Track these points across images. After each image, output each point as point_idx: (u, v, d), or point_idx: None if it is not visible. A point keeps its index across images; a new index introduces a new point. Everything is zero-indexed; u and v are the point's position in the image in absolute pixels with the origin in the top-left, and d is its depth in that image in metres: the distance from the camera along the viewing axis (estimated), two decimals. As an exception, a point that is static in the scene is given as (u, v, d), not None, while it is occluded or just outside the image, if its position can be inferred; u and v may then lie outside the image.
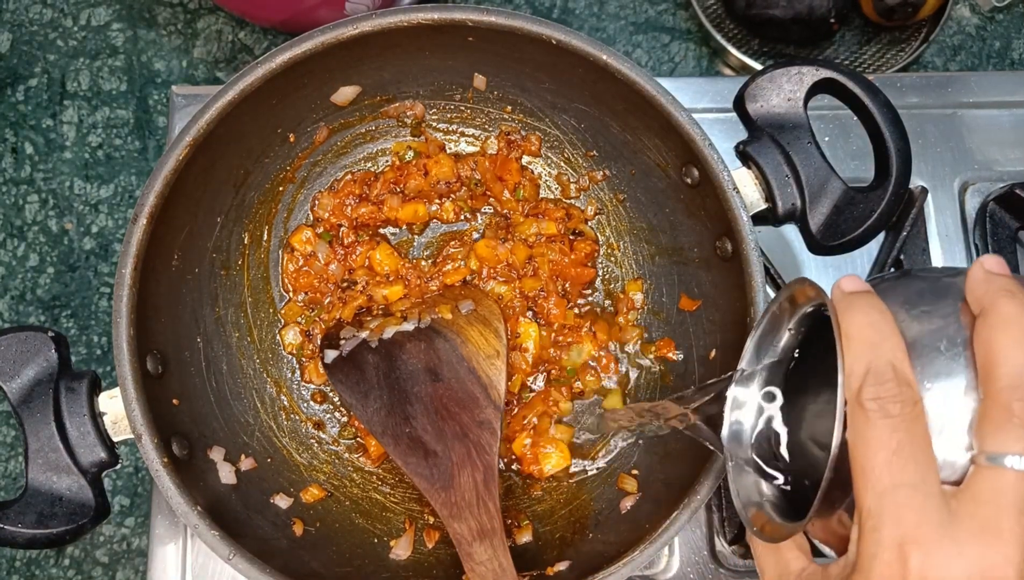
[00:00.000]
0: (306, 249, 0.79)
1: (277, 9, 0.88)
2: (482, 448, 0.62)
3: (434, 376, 0.65)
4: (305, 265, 0.79)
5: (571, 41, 0.68)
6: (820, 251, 0.67)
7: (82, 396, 0.61)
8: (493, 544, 0.59)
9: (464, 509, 0.60)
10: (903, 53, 0.96)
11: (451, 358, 0.66)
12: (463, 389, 0.65)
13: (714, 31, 0.95)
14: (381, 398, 0.66)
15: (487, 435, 0.63)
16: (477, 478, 0.61)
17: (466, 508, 0.60)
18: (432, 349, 0.66)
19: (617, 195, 0.80)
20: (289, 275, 0.79)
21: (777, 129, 0.66)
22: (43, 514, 0.59)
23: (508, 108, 0.80)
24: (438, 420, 0.64)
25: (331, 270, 0.78)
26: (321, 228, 0.79)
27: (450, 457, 0.62)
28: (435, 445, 0.63)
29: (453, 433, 0.63)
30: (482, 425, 0.63)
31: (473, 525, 0.59)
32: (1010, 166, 0.90)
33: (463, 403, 0.64)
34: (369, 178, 0.80)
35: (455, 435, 0.63)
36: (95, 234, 0.92)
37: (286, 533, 0.69)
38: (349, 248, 0.79)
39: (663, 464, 0.72)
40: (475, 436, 0.63)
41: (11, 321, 0.91)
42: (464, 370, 0.65)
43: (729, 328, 0.69)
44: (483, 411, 0.64)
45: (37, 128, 0.95)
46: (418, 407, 0.64)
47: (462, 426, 0.63)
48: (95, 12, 0.98)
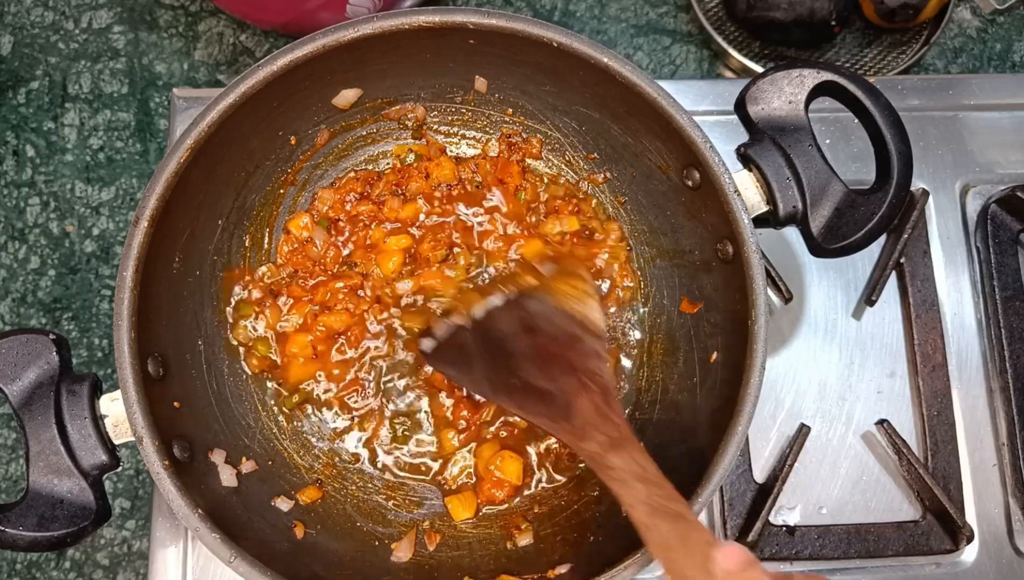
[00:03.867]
0: (302, 234, 0.79)
1: (278, 12, 0.88)
2: (592, 373, 0.65)
3: (531, 331, 0.68)
4: (300, 249, 0.79)
5: (572, 44, 0.68)
6: (821, 254, 0.67)
7: (83, 399, 0.61)
8: (627, 450, 0.60)
9: (588, 429, 0.62)
10: (904, 55, 0.96)
11: (544, 311, 0.68)
12: (562, 332, 0.67)
13: (715, 34, 0.95)
14: (484, 364, 0.68)
15: (594, 361, 0.66)
16: (596, 400, 0.63)
17: (590, 428, 0.62)
18: (524, 310, 0.69)
19: (618, 197, 0.80)
20: (283, 254, 0.79)
21: (778, 132, 0.66)
22: (44, 517, 0.59)
23: (509, 111, 0.80)
24: (544, 365, 0.66)
25: (329, 257, 0.78)
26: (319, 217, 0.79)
27: (564, 391, 0.64)
28: (547, 385, 0.65)
29: (562, 370, 0.65)
30: (587, 355, 0.66)
31: (603, 439, 0.61)
32: (1011, 168, 0.90)
33: (565, 344, 0.67)
34: (372, 177, 0.80)
35: (564, 371, 0.65)
36: (96, 237, 0.92)
37: (287, 536, 0.69)
38: (348, 237, 0.79)
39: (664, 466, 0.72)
40: (583, 366, 0.65)
41: (12, 324, 0.91)
42: (559, 316, 0.68)
43: (730, 330, 0.69)
44: (585, 343, 0.66)
45: (38, 131, 0.95)
46: (522, 360, 0.67)
47: (569, 362, 0.66)
48: (96, 15, 0.98)
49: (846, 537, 0.79)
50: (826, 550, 0.79)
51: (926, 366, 0.83)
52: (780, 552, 0.78)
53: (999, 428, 0.83)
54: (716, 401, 0.69)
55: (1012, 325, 0.84)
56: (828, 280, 0.86)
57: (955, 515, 0.78)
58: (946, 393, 0.83)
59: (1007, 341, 0.84)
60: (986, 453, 0.82)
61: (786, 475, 0.78)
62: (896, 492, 0.81)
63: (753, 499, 0.79)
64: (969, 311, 0.86)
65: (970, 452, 0.82)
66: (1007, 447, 0.82)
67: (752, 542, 0.77)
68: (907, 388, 0.84)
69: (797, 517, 0.80)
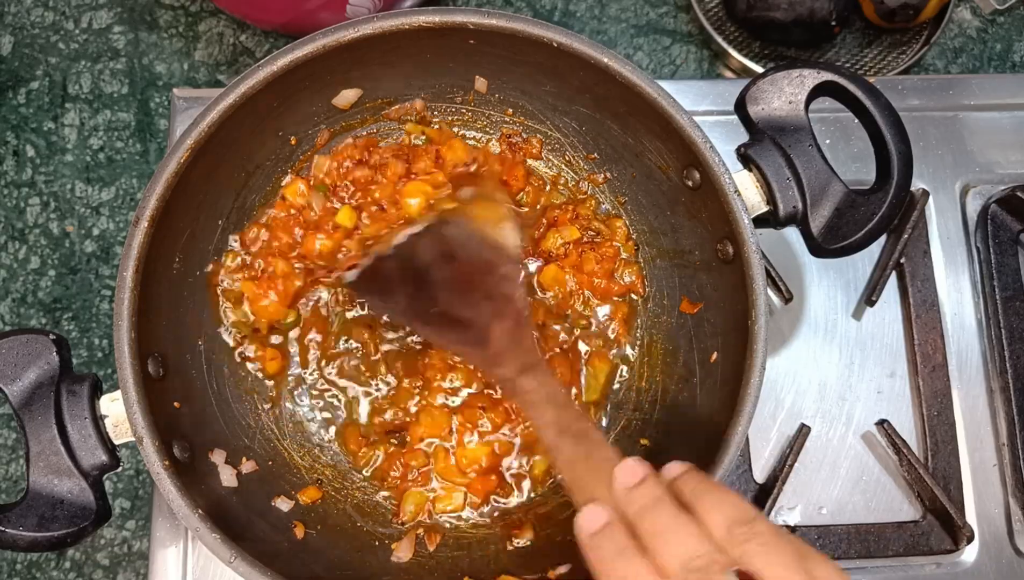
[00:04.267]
0: (298, 201, 0.77)
1: (278, 12, 0.88)
2: (507, 298, 0.66)
3: (450, 258, 0.68)
4: (293, 217, 0.77)
5: (572, 44, 0.68)
6: (821, 254, 0.67)
7: (83, 399, 0.61)
8: (537, 374, 0.62)
9: (502, 355, 0.64)
10: (904, 56, 0.96)
11: (461, 236, 0.69)
12: (479, 257, 0.68)
13: (715, 34, 0.95)
14: (404, 292, 0.69)
15: (507, 285, 0.67)
16: (508, 325, 0.65)
17: (505, 353, 0.64)
18: (443, 237, 0.69)
19: (618, 198, 0.80)
20: (276, 220, 0.77)
21: (778, 132, 0.66)
22: (44, 517, 0.59)
23: (509, 111, 0.80)
24: (462, 292, 0.67)
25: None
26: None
27: (480, 318, 0.66)
28: (466, 313, 0.66)
29: (479, 297, 0.67)
30: (501, 280, 0.67)
31: (514, 364, 0.63)
32: (1011, 169, 0.90)
33: (482, 269, 0.68)
34: (371, 144, 0.80)
35: (481, 298, 0.67)
36: (96, 237, 0.92)
37: (287, 536, 0.69)
38: (346, 200, 0.78)
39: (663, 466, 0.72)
40: (497, 291, 0.66)
41: (12, 324, 0.91)
42: (475, 241, 0.69)
43: (730, 331, 0.69)
44: (499, 268, 0.67)
45: (38, 131, 0.95)
46: (441, 288, 0.68)
47: (486, 288, 0.67)
48: (96, 15, 0.98)
49: (846, 537, 0.79)
50: (826, 550, 0.79)
51: (926, 366, 0.83)
52: (780, 552, 0.78)
53: (999, 428, 0.83)
54: (716, 401, 0.69)
55: (1012, 325, 0.84)
56: (828, 280, 0.86)
57: (955, 515, 0.78)
58: (946, 393, 0.83)
59: (1007, 341, 0.84)
60: (986, 453, 0.82)
61: (786, 475, 0.78)
62: (896, 492, 0.81)
63: (753, 499, 0.79)
64: (969, 311, 0.86)
65: (970, 452, 0.82)
66: (1007, 447, 0.82)
67: (752, 542, 0.76)
68: (907, 388, 0.84)
69: (797, 517, 0.80)
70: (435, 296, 0.68)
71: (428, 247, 0.69)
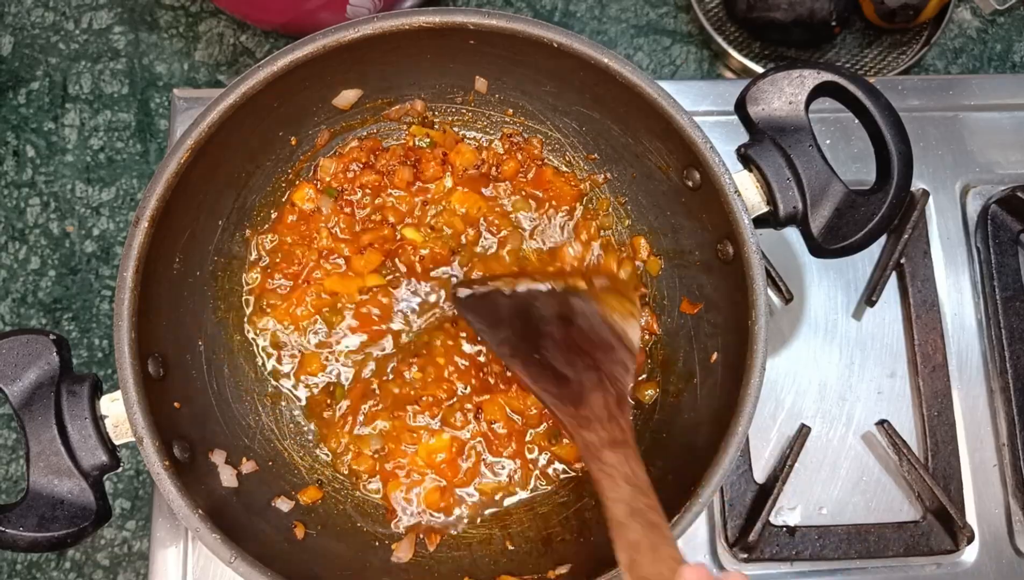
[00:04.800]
0: (306, 206, 0.78)
1: (279, 12, 0.88)
2: (615, 378, 0.66)
3: (567, 322, 0.69)
4: (302, 221, 0.77)
5: (572, 44, 0.68)
6: (821, 254, 0.67)
7: (83, 399, 0.61)
8: (625, 453, 0.61)
9: (594, 422, 0.63)
10: (904, 56, 0.96)
11: (585, 310, 0.69)
12: (596, 335, 0.68)
13: (715, 34, 0.95)
14: (512, 329, 0.69)
15: (620, 369, 0.67)
16: (609, 400, 0.65)
17: (596, 421, 0.63)
18: (566, 303, 0.70)
19: (618, 198, 0.80)
20: (285, 225, 0.77)
21: (778, 132, 0.66)
22: (44, 517, 0.59)
23: (509, 111, 0.80)
24: (570, 354, 0.67)
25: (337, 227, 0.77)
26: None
27: (581, 381, 0.66)
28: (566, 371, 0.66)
29: (585, 365, 0.67)
30: (615, 362, 0.67)
31: (604, 435, 0.62)
32: (1011, 169, 0.90)
33: (596, 345, 0.68)
34: (376, 148, 0.79)
35: (587, 366, 0.66)
36: (96, 237, 0.92)
37: (287, 536, 0.69)
38: (356, 204, 0.78)
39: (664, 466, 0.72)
40: (608, 369, 0.66)
41: (12, 324, 0.91)
42: (598, 321, 0.69)
43: (730, 331, 0.69)
44: (616, 353, 0.67)
45: (39, 131, 0.95)
46: (549, 342, 0.68)
47: (596, 361, 0.67)
48: (97, 15, 0.98)
49: (846, 537, 0.79)
50: (826, 550, 0.79)
51: (926, 366, 0.83)
52: (780, 553, 0.78)
53: (999, 428, 0.83)
54: (716, 401, 0.69)
55: (1012, 325, 0.84)
56: (828, 280, 0.86)
57: (955, 515, 0.78)
58: (946, 393, 0.83)
59: (1007, 341, 0.84)
60: (986, 453, 0.82)
61: (786, 475, 0.78)
62: (896, 492, 0.81)
63: (753, 499, 0.79)
64: (969, 311, 0.86)
65: (970, 452, 0.82)
66: (1007, 447, 0.82)
67: (752, 543, 0.77)
68: (907, 388, 0.84)
69: (797, 518, 0.80)
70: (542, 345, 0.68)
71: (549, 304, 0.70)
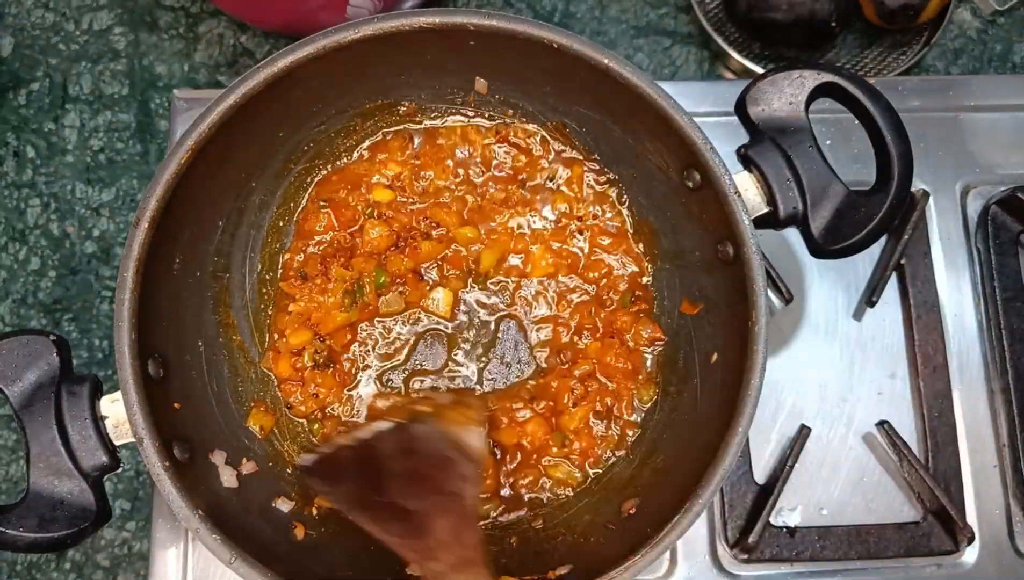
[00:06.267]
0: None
1: (278, 13, 0.88)
2: (458, 496, 0.65)
3: (409, 453, 0.68)
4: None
5: (572, 45, 0.68)
6: (822, 255, 0.67)
7: (83, 400, 0.61)
8: (471, 571, 0.62)
9: (439, 549, 0.63)
10: (904, 56, 0.96)
11: (427, 434, 0.69)
12: (438, 455, 0.68)
13: (715, 35, 0.95)
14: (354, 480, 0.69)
15: (460, 484, 0.66)
16: (453, 521, 0.64)
17: (441, 548, 0.63)
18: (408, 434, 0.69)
19: (619, 198, 0.80)
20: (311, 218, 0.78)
21: (778, 133, 0.66)
22: (44, 518, 0.59)
23: (509, 112, 0.80)
24: (412, 484, 0.67)
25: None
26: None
27: (423, 510, 0.65)
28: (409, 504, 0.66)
29: (427, 490, 0.66)
30: (456, 478, 0.66)
31: (451, 559, 0.63)
32: (1012, 169, 0.90)
33: (437, 465, 0.67)
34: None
35: (430, 491, 0.66)
36: (96, 238, 0.92)
37: (287, 537, 0.69)
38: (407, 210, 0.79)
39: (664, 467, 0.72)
40: (451, 488, 0.66)
41: (12, 325, 0.91)
42: (438, 438, 0.68)
43: (730, 331, 0.69)
44: (457, 466, 0.67)
45: (39, 132, 0.95)
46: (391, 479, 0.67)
47: (437, 483, 0.66)
48: (97, 16, 0.98)
49: (847, 538, 0.79)
50: (827, 551, 0.79)
51: (927, 367, 0.83)
52: (781, 553, 0.78)
53: (1000, 429, 0.83)
54: (716, 402, 0.69)
55: (1013, 326, 0.84)
56: (829, 281, 0.86)
57: (956, 516, 0.78)
58: (947, 394, 0.83)
59: (1008, 342, 0.84)
60: (987, 454, 0.82)
61: (787, 476, 0.78)
62: (897, 493, 0.81)
63: (754, 500, 0.79)
64: (970, 312, 0.86)
65: (971, 453, 0.82)
66: (1008, 448, 0.82)
67: (753, 543, 0.77)
68: (908, 389, 0.84)
69: (798, 518, 0.80)
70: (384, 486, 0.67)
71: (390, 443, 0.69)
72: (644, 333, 0.78)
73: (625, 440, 0.77)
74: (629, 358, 0.77)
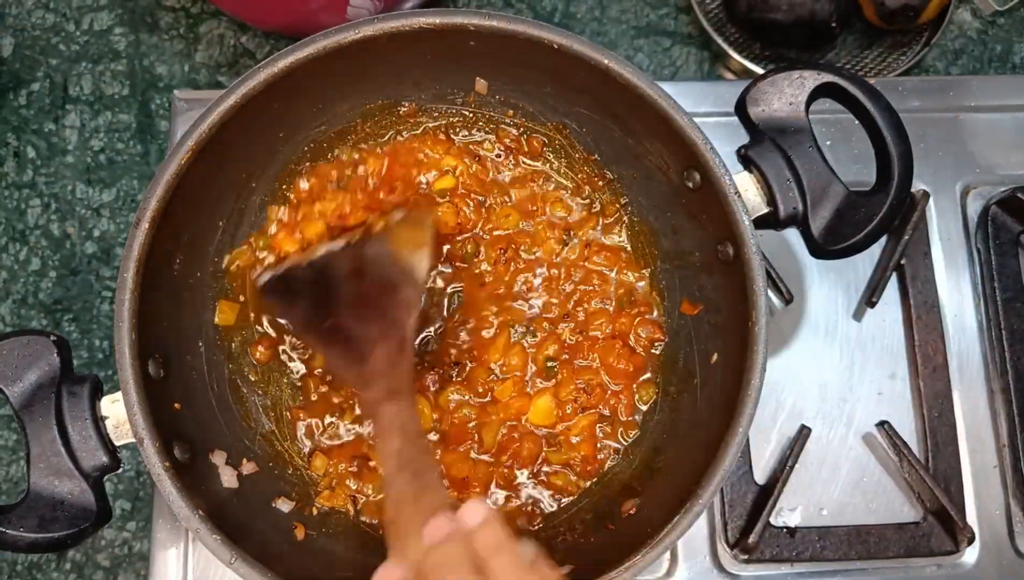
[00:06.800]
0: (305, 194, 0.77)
1: (279, 13, 0.88)
2: (398, 322, 0.66)
3: (360, 275, 0.68)
4: (304, 214, 0.76)
5: (572, 45, 0.68)
6: (822, 255, 0.67)
7: (84, 400, 0.61)
8: (400, 403, 0.61)
9: (377, 377, 0.63)
10: (905, 57, 0.96)
11: (376, 256, 0.69)
12: (385, 277, 0.68)
13: (715, 35, 0.95)
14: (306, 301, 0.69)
15: (403, 310, 0.67)
16: (392, 348, 0.64)
17: (379, 376, 0.63)
18: (359, 255, 0.69)
19: (619, 199, 0.80)
20: (288, 222, 0.76)
21: (779, 133, 0.66)
22: (45, 518, 0.59)
23: (510, 112, 0.80)
24: (359, 308, 0.67)
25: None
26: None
27: (367, 337, 0.65)
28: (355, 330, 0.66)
29: (373, 316, 0.67)
30: (398, 305, 0.67)
31: (383, 386, 0.62)
32: (1012, 170, 0.90)
33: (385, 289, 0.68)
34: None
35: (375, 317, 0.66)
36: (97, 238, 0.92)
37: (288, 537, 0.69)
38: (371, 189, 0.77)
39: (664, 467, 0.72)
40: (392, 314, 0.66)
41: (13, 325, 0.91)
42: (387, 261, 0.69)
43: (731, 332, 0.69)
44: (400, 292, 0.67)
45: (39, 132, 0.95)
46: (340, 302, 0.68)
47: (382, 308, 0.67)
48: (97, 17, 0.98)
49: (847, 539, 0.79)
50: (827, 551, 0.79)
51: (927, 367, 0.83)
52: (781, 554, 0.78)
53: (1000, 429, 0.83)
54: (716, 402, 0.69)
55: (1013, 326, 0.84)
56: (829, 281, 0.86)
57: (956, 516, 0.78)
58: (947, 394, 0.83)
59: (1008, 342, 0.84)
60: (987, 455, 0.82)
61: (787, 476, 0.78)
62: (897, 494, 0.81)
63: (754, 500, 0.79)
64: (970, 313, 0.86)
65: (971, 453, 0.82)
66: (1008, 448, 0.82)
67: (753, 544, 0.77)
68: (908, 389, 0.84)
69: (798, 518, 0.80)
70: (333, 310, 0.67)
71: (342, 262, 0.69)
72: (643, 333, 0.78)
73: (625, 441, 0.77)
74: (631, 359, 0.77)
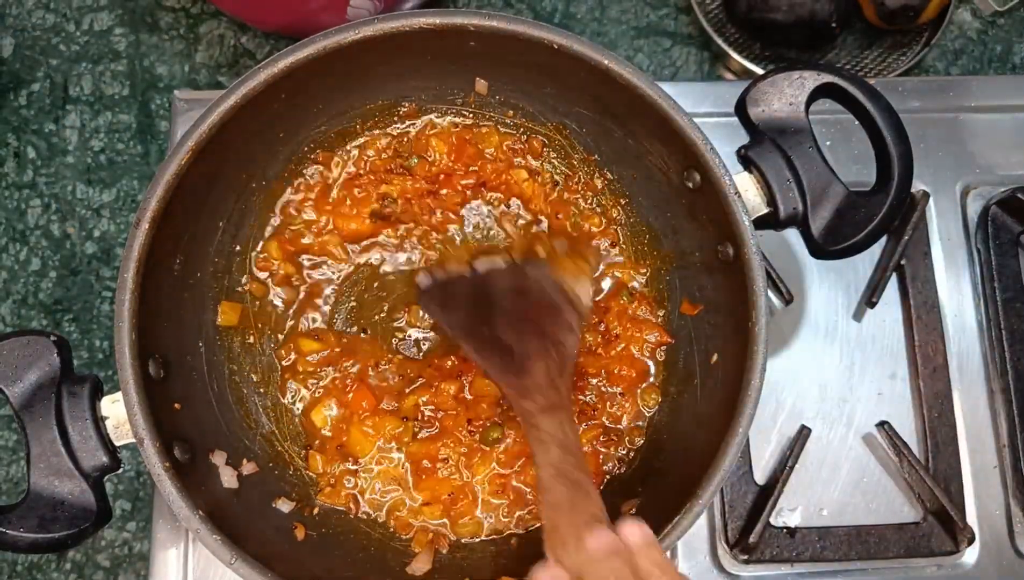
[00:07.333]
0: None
1: (279, 14, 0.88)
2: (560, 343, 0.68)
3: (521, 293, 0.71)
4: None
5: (572, 46, 0.68)
6: (822, 255, 0.67)
7: (84, 400, 0.61)
8: (560, 417, 0.63)
9: (533, 390, 0.65)
10: (905, 57, 0.96)
11: (538, 276, 0.72)
12: (547, 300, 0.70)
13: (715, 35, 0.95)
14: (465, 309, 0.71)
15: (565, 334, 0.69)
16: (551, 366, 0.67)
17: (535, 390, 0.65)
18: (521, 274, 0.72)
19: (619, 199, 0.80)
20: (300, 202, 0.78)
21: (779, 133, 0.66)
22: (45, 518, 0.59)
23: (510, 112, 0.80)
24: (518, 324, 0.69)
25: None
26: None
27: (526, 351, 0.67)
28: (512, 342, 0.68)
29: (532, 333, 0.68)
30: (561, 326, 0.69)
31: (541, 401, 0.64)
32: (1012, 170, 0.90)
33: (546, 311, 0.70)
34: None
35: (534, 334, 0.68)
36: (97, 238, 0.92)
37: (288, 538, 0.69)
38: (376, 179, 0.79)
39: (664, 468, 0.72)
40: (554, 335, 0.68)
41: (13, 325, 0.91)
42: (550, 285, 0.71)
43: (731, 332, 0.69)
44: (563, 315, 0.69)
45: (40, 132, 0.95)
46: (500, 315, 0.70)
47: (542, 328, 0.69)
48: (97, 17, 0.98)
49: (847, 539, 0.79)
50: (827, 552, 0.79)
51: (927, 368, 0.83)
52: (781, 554, 0.78)
53: (1000, 430, 0.83)
54: (716, 402, 0.69)
55: (1013, 327, 0.84)
56: (829, 282, 0.86)
57: (956, 517, 0.78)
58: (947, 395, 0.83)
59: (1008, 343, 0.84)
60: (987, 455, 0.82)
61: (787, 477, 0.78)
62: (897, 494, 0.81)
63: (754, 501, 0.79)
64: (970, 313, 0.86)
65: (971, 454, 0.82)
66: (1008, 449, 0.82)
67: (753, 544, 0.77)
68: (908, 390, 0.84)
69: (798, 519, 0.80)
70: (492, 319, 0.69)
71: (504, 280, 0.72)
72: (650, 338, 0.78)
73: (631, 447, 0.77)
74: (634, 365, 0.77)
